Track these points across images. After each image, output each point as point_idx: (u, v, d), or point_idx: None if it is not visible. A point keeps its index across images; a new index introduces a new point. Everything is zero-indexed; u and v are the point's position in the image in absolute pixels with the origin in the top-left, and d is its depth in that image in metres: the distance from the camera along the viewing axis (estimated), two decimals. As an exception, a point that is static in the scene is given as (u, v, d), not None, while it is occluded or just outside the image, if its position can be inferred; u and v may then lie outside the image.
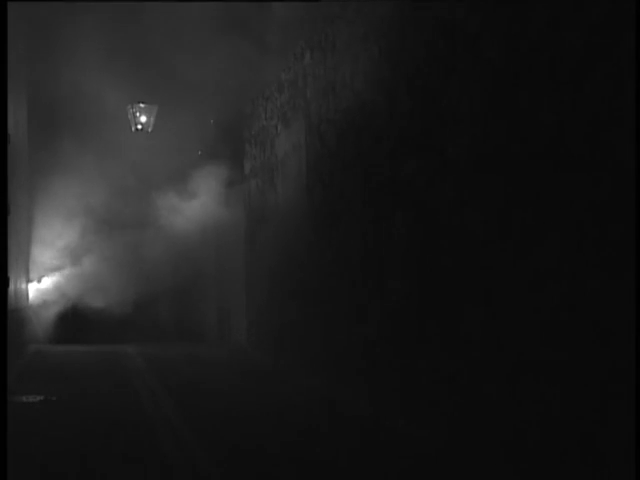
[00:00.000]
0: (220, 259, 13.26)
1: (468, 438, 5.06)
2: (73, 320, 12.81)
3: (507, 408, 4.64)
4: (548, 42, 4.27)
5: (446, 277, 5.44)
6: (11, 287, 8.61)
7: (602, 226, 3.85)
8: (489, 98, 4.89)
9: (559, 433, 4.17)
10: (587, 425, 3.95)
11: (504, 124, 4.72)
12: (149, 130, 12.20)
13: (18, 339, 9.61)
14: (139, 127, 12.20)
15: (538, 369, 4.35)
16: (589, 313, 3.95)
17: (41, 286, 13.06)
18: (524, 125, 4.51)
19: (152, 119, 12.17)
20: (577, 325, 4.03)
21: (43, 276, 13.10)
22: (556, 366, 4.18)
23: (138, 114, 12.17)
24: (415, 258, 5.94)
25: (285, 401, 7.23)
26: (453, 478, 4.71)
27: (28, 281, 12.47)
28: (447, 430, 5.32)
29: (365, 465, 4.94)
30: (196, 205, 12.05)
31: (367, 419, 6.34)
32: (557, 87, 4.20)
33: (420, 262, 5.86)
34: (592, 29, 3.91)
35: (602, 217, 3.86)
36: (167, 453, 5.24)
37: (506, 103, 4.69)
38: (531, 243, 4.43)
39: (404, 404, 6.05)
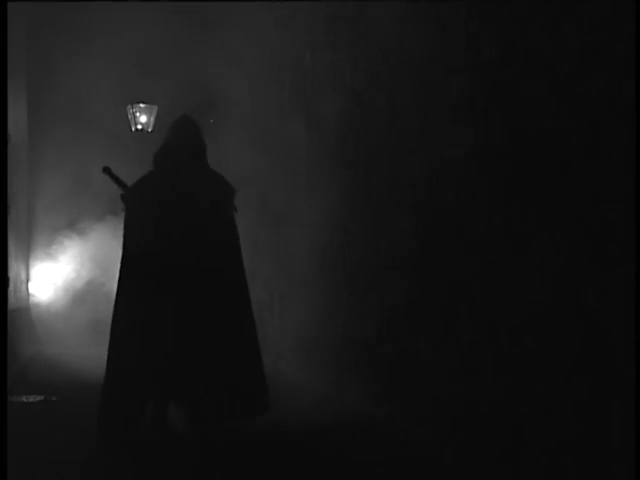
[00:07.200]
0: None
1: (466, 437, 5.06)
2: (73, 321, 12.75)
3: (506, 407, 4.64)
4: (548, 42, 4.27)
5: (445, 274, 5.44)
6: (11, 287, 8.60)
7: (602, 224, 3.85)
8: (489, 97, 4.89)
9: (558, 433, 4.17)
10: (587, 424, 3.95)
11: (504, 123, 4.72)
12: (149, 130, 12.17)
13: (18, 339, 9.60)
14: (139, 127, 12.17)
15: (538, 369, 4.35)
16: (589, 313, 3.95)
17: (41, 286, 13.05)
18: (524, 124, 4.51)
19: (152, 119, 12.13)
20: (577, 324, 4.03)
21: (43, 276, 13.10)
22: (556, 366, 4.18)
23: (138, 114, 12.14)
24: (414, 257, 5.94)
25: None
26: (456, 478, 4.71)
27: (28, 280, 12.46)
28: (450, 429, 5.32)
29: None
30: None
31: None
32: (557, 85, 4.20)
33: (419, 261, 5.86)
34: (592, 28, 3.91)
35: (602, 216, 3.85)
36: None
37: (506, 102, 4.70)
38: (530, 242, 4.43)
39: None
